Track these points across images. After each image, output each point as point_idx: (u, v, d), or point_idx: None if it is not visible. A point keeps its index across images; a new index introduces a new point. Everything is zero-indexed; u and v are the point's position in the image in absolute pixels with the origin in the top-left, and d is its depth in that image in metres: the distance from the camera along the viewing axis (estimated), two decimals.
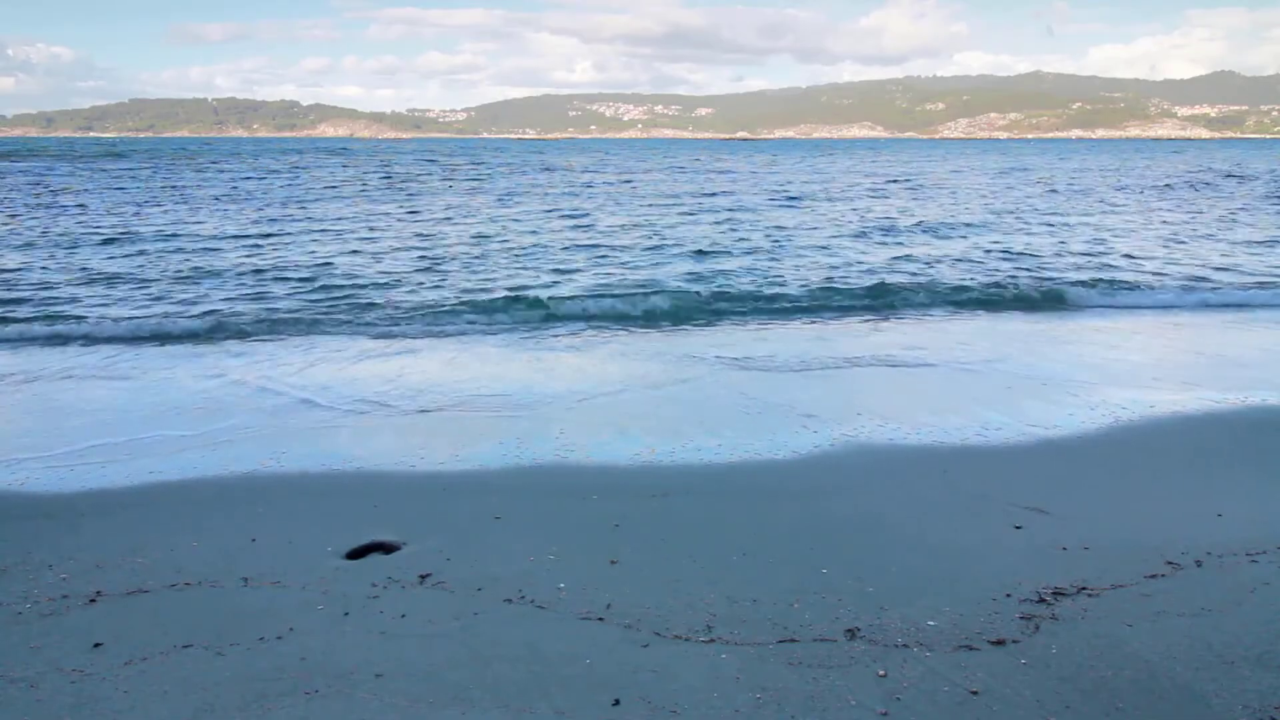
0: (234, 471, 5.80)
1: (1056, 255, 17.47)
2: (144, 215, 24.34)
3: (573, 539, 4.66)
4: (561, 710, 3.18)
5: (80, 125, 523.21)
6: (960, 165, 63.03)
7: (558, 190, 36.09)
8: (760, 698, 3.24)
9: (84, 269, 15.36)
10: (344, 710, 3.17)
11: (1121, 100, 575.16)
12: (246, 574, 4.28)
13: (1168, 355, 9.61)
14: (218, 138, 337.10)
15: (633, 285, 13.68)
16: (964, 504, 5.16)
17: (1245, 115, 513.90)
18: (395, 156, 74.60)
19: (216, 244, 18.67)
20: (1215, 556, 4.42)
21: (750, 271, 15.40)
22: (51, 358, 9.34)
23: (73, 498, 5.32)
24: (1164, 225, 23.25)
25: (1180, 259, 17.03)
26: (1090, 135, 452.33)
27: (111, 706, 3.20)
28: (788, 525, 4.84)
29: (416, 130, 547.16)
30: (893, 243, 19.58)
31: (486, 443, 6.38)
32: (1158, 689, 3.30)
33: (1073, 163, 67.07)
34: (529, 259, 16.90)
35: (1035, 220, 24.26)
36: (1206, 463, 5.95)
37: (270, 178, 41.73)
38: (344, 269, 15.51)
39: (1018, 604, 3.93)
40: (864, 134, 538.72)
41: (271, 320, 11.10)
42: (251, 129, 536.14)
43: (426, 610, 3.90)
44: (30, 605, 3.96)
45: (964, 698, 3.24)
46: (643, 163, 64.76)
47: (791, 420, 6.86)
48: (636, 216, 25.08)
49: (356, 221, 23.42)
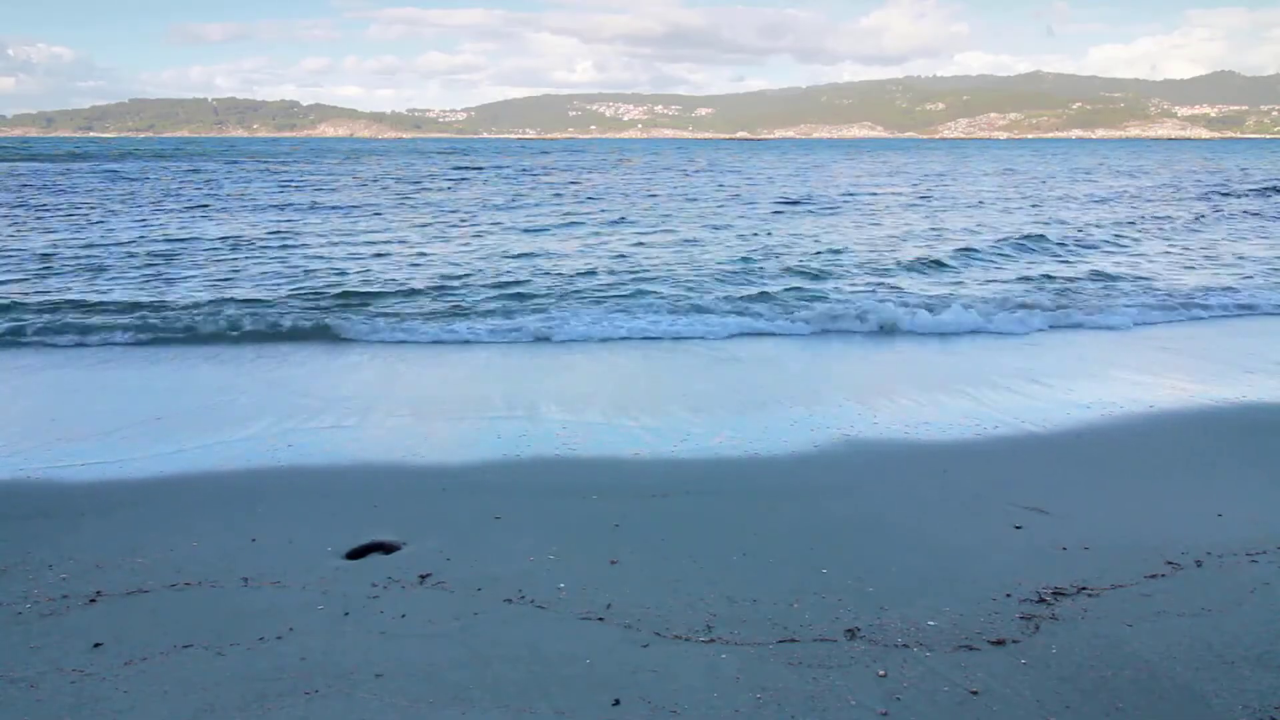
0: (234, 470, 5.81)
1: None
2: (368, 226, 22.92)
3: (573, 539, 4.66)
4: (561, 710, 3.18)
5: (80, 125, 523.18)
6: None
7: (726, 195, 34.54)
8: (760, 698, 3.24)
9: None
10: (344, 710, 3.17)
11: (1121, 100, 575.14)
12: (246, 574, 4.27)
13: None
14: (218, 138, 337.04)
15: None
16: (964, 504, 5.16)
17: (1245, 115, 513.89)
18: (432, 161, 67.92)
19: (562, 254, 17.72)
20: (1215, 556, 4.42)
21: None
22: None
23: (79, 496, 5.32)
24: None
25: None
26: (1090, 135, 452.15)
27: (111, 706, 3.20)
28: (788, 525, 4.84)
29: (416, 130, 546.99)
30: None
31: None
32: (1158, 689, 3.30)
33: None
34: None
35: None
36: (1206, 463, 5.95)
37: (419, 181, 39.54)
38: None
39: (1018, 604, 3.93)
40: (864, 134, 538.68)
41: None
42: (251, 129, 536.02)
43: (426, 610, 3.90)
44: (30, 605, 3.96)
45: (964, 698, 3.24)
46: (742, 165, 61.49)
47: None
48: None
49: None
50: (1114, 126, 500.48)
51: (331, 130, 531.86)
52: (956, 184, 41.45)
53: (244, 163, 57.63)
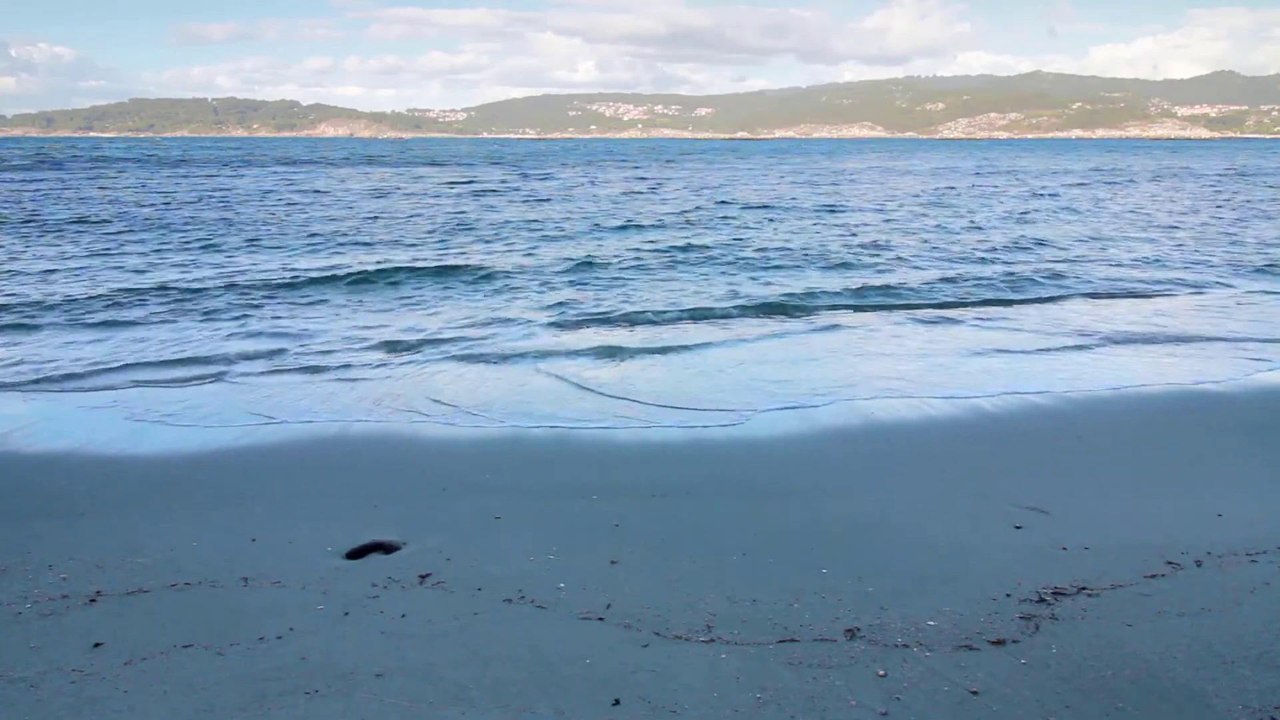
0: (235, 470, 5.81)
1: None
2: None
3: (573, 539, 4.66)
4: (561, 710, 3.18)
5: (80, 125, 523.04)
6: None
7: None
8: (760, 698, 3.24)
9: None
10: (344, 710, 3.17)
11: (1121, 100, 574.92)
12: (246, 574, 4.27)
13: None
14: (219, 138, 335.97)
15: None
16: (964, 504, 5.16)
17: (1245, 115, 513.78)
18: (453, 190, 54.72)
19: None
20: (1215, 556, 4.42)
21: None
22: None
23: (79, 496, 5.32)
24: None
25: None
26: (1090, 135, 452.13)
27: (111, 706, 3.20)
28: (788, 525, 4.83)
29: (416, 130, 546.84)
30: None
31: None
32: (1158, 689, 3.29)
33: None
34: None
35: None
36: (1207, 463, 5.95)
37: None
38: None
39: (1018, 604, 3.93)
40: (864, 134, 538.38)
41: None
42: (251, 129, 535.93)
43: (426, 610, 3.90)
44: (30, 605, 3.96)
45: (964, 698, 3.24)
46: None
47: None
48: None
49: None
50: (1114, 126, 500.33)
51: (331, 130, 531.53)
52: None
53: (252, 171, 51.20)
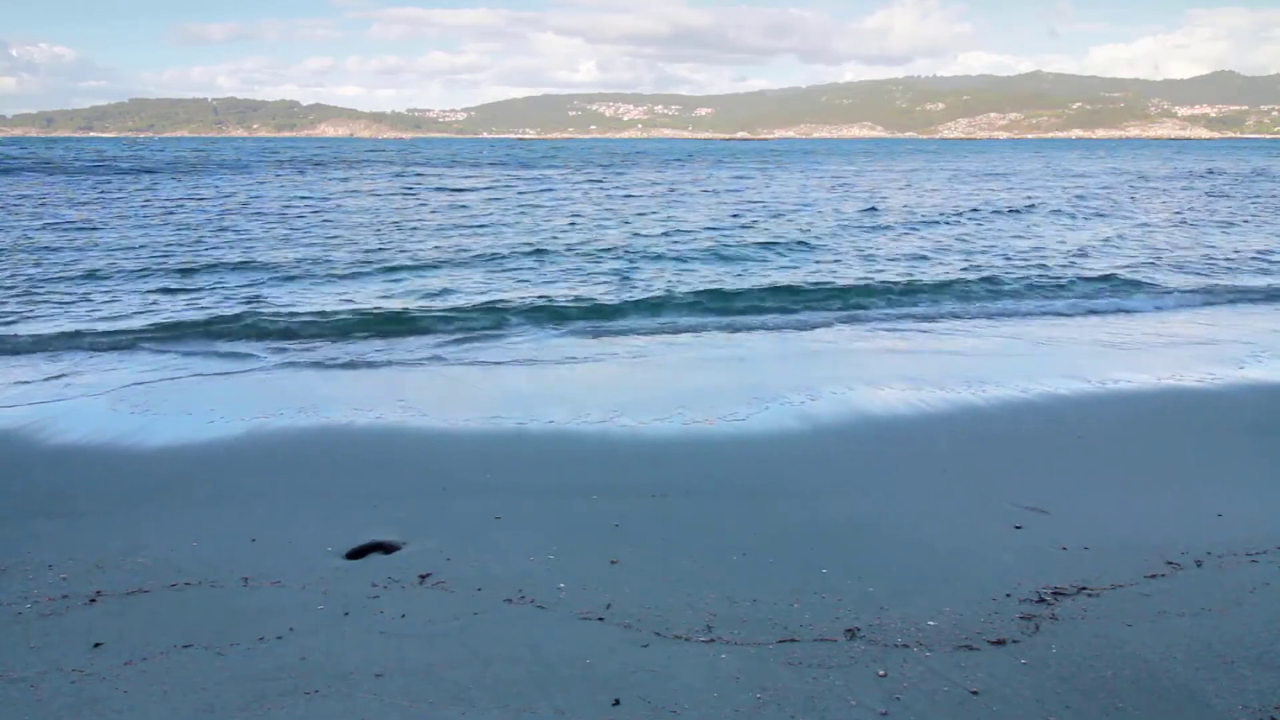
0: (235, 468, 5.80)
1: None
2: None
3: (573, 539, 4.66)
4: (561, 710, 3.18)
5: (80, 125, 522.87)
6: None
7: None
8: (760, 698, 3.24)
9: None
10: (344, 710, 3.17)
11: (1122, 100, 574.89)
12: (246, 574, 4.27)
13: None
14: (220, 138, 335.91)
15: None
16: (964, 504, 5.16)
17: (1245, 115, 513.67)
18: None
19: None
20: (1215, 556, 4.42)
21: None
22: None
23: (79, 496, 5.32)
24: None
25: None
26: (1090, 135, 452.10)
27: (111, 706, 3.20)
28: (788, 525, 4.83)
29: (416, 130, 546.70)
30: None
31: None
32: (1158, 689, 3.29)
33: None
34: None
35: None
36: (1207, 462, 5.95)
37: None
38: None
39: (1018, 604, 3.93)
40: (864, 134, 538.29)
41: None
42: (251, 129, 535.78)
43: (426, 610, 3.90)
44: (30, 605, 3.96)
45: (964, 698, 3.24)
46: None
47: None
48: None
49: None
50: (1114, 126, 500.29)
51: (331, 130, 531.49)
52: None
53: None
